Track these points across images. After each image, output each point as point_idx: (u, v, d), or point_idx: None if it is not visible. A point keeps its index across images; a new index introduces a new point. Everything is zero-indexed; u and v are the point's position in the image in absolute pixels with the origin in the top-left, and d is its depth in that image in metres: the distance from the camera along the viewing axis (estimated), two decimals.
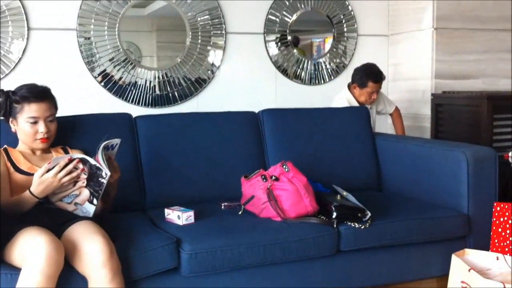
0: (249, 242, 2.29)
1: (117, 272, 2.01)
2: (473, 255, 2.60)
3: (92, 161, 2.15)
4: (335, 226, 2.44)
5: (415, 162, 3.00)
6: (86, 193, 2.19)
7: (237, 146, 2.92)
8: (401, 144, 3.23)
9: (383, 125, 4.21)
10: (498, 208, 2.63)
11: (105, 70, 3.86)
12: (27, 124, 2.30)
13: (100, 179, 2.15)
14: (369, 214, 2.49)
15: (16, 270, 1.93)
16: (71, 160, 2.14)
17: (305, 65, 4.40)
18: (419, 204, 2.80)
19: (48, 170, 2.12)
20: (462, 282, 2.50)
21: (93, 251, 1.98)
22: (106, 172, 2.14)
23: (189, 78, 4.07)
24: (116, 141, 2.27)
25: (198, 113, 3.16)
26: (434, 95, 4.19)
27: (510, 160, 3.57)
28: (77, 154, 2.19)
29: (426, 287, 2.63)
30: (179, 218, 2.40)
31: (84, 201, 2.19)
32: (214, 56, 4.13)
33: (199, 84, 4.10)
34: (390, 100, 4.05)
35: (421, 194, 2.91)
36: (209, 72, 4.13)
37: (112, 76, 3.88)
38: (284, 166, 2.56)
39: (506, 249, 2.59)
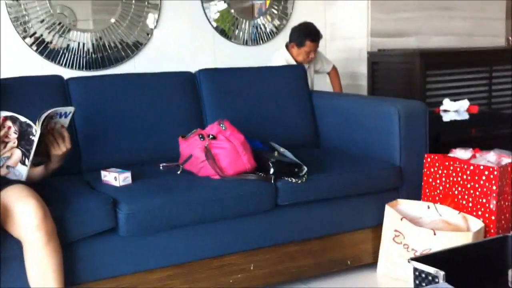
0: (187, 200, 2.30)
1: (52, 234, 1.98)
2: (405, 204, 2.71)
3: (21, 118, 2.10)
4: (272, 181, 2.48)
5: (351, 118, 3.06)
6: (18, 154, 2.14)
7: (174, 106, 2.90)
8: (337, 101, 3.28)
9: (321, 84, 4.26)
10: (429, 160, 2.73)
11: (35, 32, 3.73)
12: None
13: (30, 136, 2.10)
14: (306, 169, 2.53)
15: None
16: None
17: (243, 26, 4.38)
18: (354, 158, 2.86)
19: None
20: (395, 230, 2.61)
21: (26, 214, 1.94)
22: (35, 128, 2.08)
23: (125, 41, 3.99)
24: (70, 109, 2.22)
25: (133, 74, 3.11)
26: (369, 53, 4.27)
27: (441, 113, 3.70)
28: (4, 112, 2.12)
29: (361, 237, 2.71)
30: (116, 180, 2.38)
31: (16, 163, 2.14)
32: (150, 18, 4.05)
33: (136, 46, 4.03)
34: (327, 59, 4.10)
35: (356, 149, 2.97)
36: (145, 34, 4.06)
37: (44, 39, 3.76)
38: (221, 125, 2.57)
39: (437, 198, 2.70)
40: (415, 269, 2.11)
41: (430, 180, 2.73)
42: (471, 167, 2.55)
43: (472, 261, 2.20)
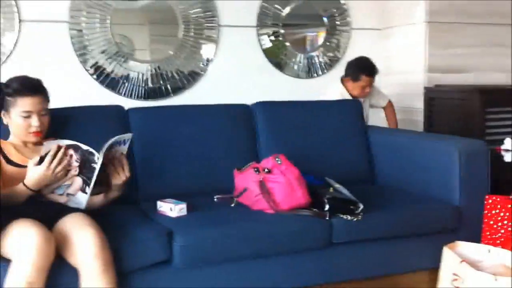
0: (242, 234, 2.30)
1: (109, 264, 2.00)
2: (465, 247, 2.61)
3: (83, 146, 2.14)
4: (327, 218, 2.44)
5: (408, 155, 3.01)
6: (78, 182, 2.18)
7: (230, 138, 2.92)
8: (394, 137, 3.25)
9: (376, 118, 4.20)
10: (490, 201, 2.64)
11: (97, 62, 3.84)
12: (20, 118, 2.28)
13: (92, 164, 2.14)
14: (362, 207, 2.49)
15: (7, 262, 1.92)
16: (60, 148, 2.13)
17: (298, 59, 4.40)
18: (411, 196, 2.81)
19: (41, 158, 2.11)
20: (454, 274, 2.51)
21: (85, 243, 1.97)
22: (97, 156, 2.12)
23: (182, 71, 4.06)
24: (128, 135, 2.25)
25: (191, 105, 3.15)
26: (426, 89, 4.20)
27: (502, 153, 3.59)
28: (66, 141, 2.17)
29: (417, 280, 2.64)
30: (171, 210, 2.40)
31: (76, 191, 2.18)
32: (207, 49, 4.12)
33: (192, 77, 4.09)
34: (383, 94, 4.06)
35: (413, 187, 2.91)
36: (202, 65, 4.12)
37: (105, 68, 3.87)
38: (277, 159, 2.56)
39: (498, 242, 2.60)
40: None
41: (491, 222, 2.63)
42: None
43: None
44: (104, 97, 3.82)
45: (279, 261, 2.39)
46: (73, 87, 3.77)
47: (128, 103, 3.30)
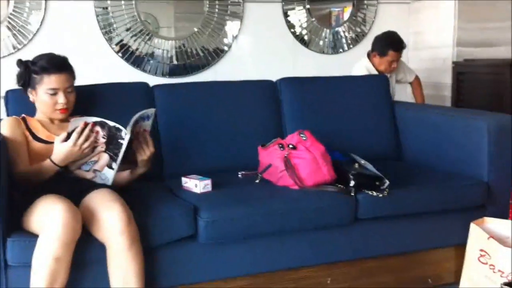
0: (266, 210, 2.30)
1: (135, 239, 2.02)
2: (492, 223, 2.57)
3: (110, 122, 2.16)
4: (352, 194, 2.42)
5: (435, 131, 2.96)
6: (105, 158, 2.20)
7: (255, 115, 2.91)
8: (421, 113, 3.19)
9: (403, 94, 4.15)
10: None
11: (122, 40, 3.85)
12: (46, 95, 2.30)
13: (119, 140, 2.15)
14: (387, 183, 2.46)
15: (34, 237, 1.96)
16: (86, 125, 2.15)
17: (323, 34, 4.34)
18: (438, 173, 2.77)
19: (68, 134, 2.14)
20: (481, 250, 2.49)
21: (111, 218, 2.00)
22: (125, 131, 2.14)
23: (206, 48, 4.05)
24: (151, 111, 2.26)
25: (216, 82, 3.15)
26: (455, 63, 4.12)
27: None
28: (93, 118, 2.19)
29: (444, 256, 2.61)
30: (196, 186, 2.41)
31: (103, 167, 2.21)
32: (231, 26, 4.09)
33: (217, 54, 4.08)
34: (410, 69, 3.99)
35: (440, 163, 2.87)
36: (226, 41, 4.10)
37: (130, 46, 3.88)
38: (302, 135, 2.55)
39: None
40: None
41: None
42: None
43: None
44: (129, 74, 3.84)
45: (304, 238, 2.39)
46: (99, 65, 3.79)
47: (153, 80, 3.30)
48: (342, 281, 2.47)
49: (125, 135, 2.14)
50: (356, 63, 3.82)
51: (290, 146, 2.52)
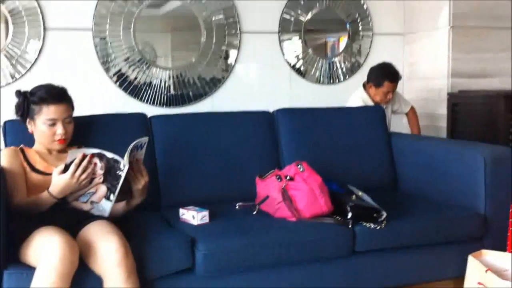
0: (264, 242, 2.29)
1: (132, 271, 2.01)
2: (490, 256, 2.57)
3: (108, 154, 2.16)
4: (350, 226, 2.43)
5: (431, 162, 2.98)
6: (103, 189, 2.20)
7: (252, 146, 2.92)
8: (417, 143, 3.22)
9: (398, 124, 4.17)
10: None
11: (120, 70, 3.87)
12: (45, 126, 2.31)
13: (118, 172, 2.15)
14: (385, 214, 2.47)
15: (31, 269, 1.94)
16: (85, 156, 2.15)
17: (319, 65, 4.38)
18: (435, 204, 2.77)
19: (66, 166, 2.14)
20: (479, 283, 2.47)
21: (108, 250, 1.98)
22: (123, 163, 2.14)
23: (203, 77, 4.07)
24: (144, 140, 2.26)
25: (213, 112, 3.17)
26: (450, 94, 4.15)
27: None
28: (91, 149, 2.19)
29: None
30: (193, 218, 2.40)
31: (100, 198, 2.20)
32: (229, 56, 4.13)
33: (214, 83, 4.10)
34: (405, 100, 4.02)
35: (437, 195, 2.88)
36: (223, 71, 4.13)
37: (128, 76, 3.90)
38: (299, 166, 2.56)
39: None
40: None
41: None
42: None
43: None
44: (127, 104, 3.85)
45: (302, 269, 2.38)
46: (97, 95, 3.81)
47: (151, 110, 3.33)
48: None
49: (124, 166, 2.14)
50: (352, 93, 3.85)
51: (288, 177, 2.52)
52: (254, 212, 2.56)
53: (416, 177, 3.09)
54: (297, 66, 4.33)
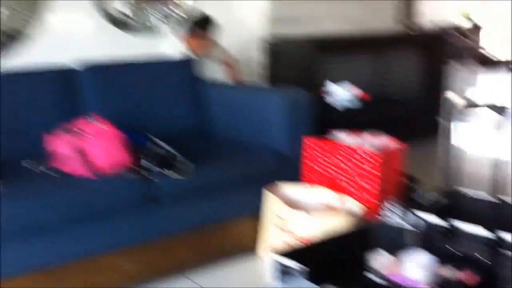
0: (56, 202, 2.20)
1: None
2: (284, 188, 2.68)
3: None
4: (147, 176, 2.40)
5: (240, 108, 3.10)
6: None
7: (47, 103, 2.78)
8: (229, 92, 3.33)
9: (217, 73, 4.18)
10: (307, 142, 2.73)
11: None
12: None
13: None
14: (183, 160, 2.47)
15: None
16: None
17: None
18: (238, 147, 2.86)
19: None
20: (277, 215, 2.58)
21: None
22: None
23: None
24: None
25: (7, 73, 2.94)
26: (266, 40, 4.24)
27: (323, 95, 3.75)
28: None
29: (246, 225, 2.68)
30: None
31: None
32: None
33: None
34: (223, 48, 4.03)
35: (244, 138, 2.97)
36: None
37: None
38: (91, 119, 2.48)
39: (316, 180, 2.70)
40: (277, 263, 1.96)
41: (310, 162, 2.72)
42: (348, 150, 2.58)
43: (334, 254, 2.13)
44: None
45: (98, 225, 2.31)
46: None
47: None
48: (142, 263, 2.43)
49: None
50: (169, 44, 3.79)
51: (79, 131, 2.43)
52: (45, 170, 2.41)
53: (227, 124, 3.17)
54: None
